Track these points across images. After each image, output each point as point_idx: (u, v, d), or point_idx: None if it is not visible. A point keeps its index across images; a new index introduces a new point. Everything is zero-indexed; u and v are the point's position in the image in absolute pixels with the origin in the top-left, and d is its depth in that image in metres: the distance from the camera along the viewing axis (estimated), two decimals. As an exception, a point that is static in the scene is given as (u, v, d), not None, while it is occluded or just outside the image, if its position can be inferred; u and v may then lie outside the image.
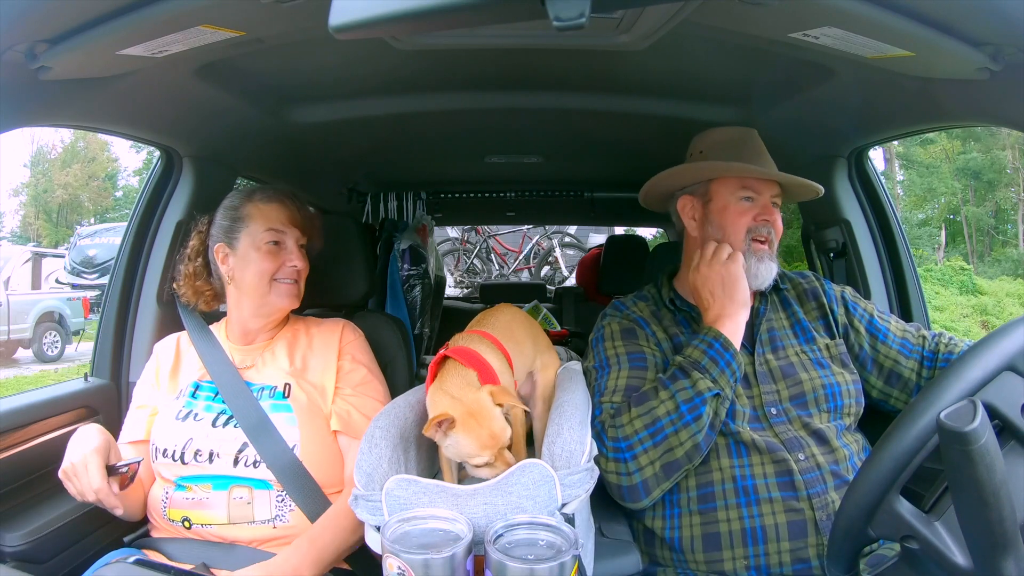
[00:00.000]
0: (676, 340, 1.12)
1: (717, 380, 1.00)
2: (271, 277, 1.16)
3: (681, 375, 1.01)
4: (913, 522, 0.59)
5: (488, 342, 0.98)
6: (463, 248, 6.97)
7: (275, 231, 1.17)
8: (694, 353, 1.02)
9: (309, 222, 1.22)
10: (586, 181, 2.56)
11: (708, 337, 1.03)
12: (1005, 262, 13.16)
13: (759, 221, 1.12)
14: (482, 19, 0.48)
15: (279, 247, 1.17)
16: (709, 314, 1.07)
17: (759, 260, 1.11)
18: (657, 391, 1.02)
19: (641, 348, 1.12)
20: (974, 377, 0.58)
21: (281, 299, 1.18)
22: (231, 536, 1.05)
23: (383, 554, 0.73)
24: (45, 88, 0.89)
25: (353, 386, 1.18)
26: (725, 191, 1.14)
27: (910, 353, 1.14)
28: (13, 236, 18.48)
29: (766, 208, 1.13)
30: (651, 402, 1.01)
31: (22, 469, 1.19)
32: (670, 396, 1.00)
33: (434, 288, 2.66)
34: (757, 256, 1.11)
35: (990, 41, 0.81)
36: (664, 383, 1.02)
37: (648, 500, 1.00)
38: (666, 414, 0.99)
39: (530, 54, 1.17)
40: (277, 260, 1.17)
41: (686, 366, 1.02)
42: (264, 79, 1.26)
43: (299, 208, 1.21)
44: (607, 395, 1.08)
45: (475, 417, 0.84)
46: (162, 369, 1.20)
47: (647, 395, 1.02)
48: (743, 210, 1.12)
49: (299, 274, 1.20)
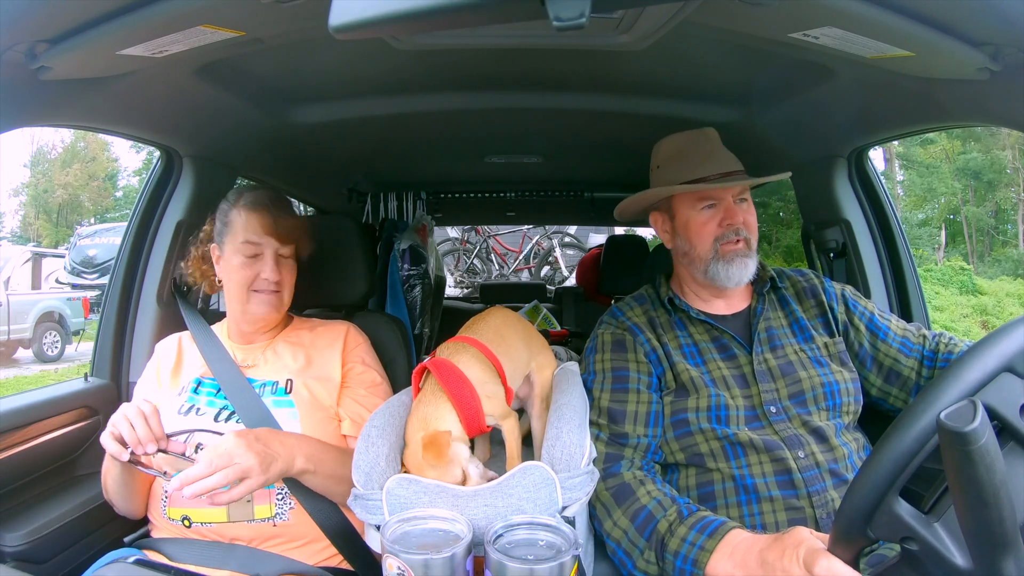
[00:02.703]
0: (666, 347, 1.12)
1: (661, 571, 0.90)
2: (248, 287, 1.15)
3: (650, 536, 0.92)
4: (912, 523, 0.59)
5: (474, 350, 0.97)
6: (463, 248, 6.98)
7: (250, 243, 1.15)
8: (673, 543, 0.89)
9: (290, 232, 1.17)
10: (586, 181, 2.56)
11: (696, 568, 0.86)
12: (1005, 262, 13.16)
13: (724, 227, 1.11)
14: (482, 19, 0.48)
15: (256, 258, 1.15)
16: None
17: (728, 263, 1.10)
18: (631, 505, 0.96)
19: (627, 364, 1.11)
20: (973, 378, 0.58)
21: (259, 308, 1.17)
22: (231, 534, 1.05)
23: (383, 554, 0.73)
24: (45, 88, 0.89)
25: (365, 387, 1.18)
26: (685, 206, 1.15)
27: (910, 352, 1.14)
28: (13, 236, 18.49)
29: (729, 211, 1.12)
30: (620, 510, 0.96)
31: (22, 469, 1.19)
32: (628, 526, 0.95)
33: (434, 288, 2.66)
34: (725, 259, 1.11)
35: (990, 41, 0.81)
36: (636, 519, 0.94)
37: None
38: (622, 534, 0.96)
39: (530, 54, 1.17)
40: (252, 270, 1.15)
41: (659, 543, 0.91)
42: (264, 79, 1.26)
43: (278, 218, 1.16)
44: (592, 412, 1.08)
45: (419, 458, 0.87)
46: (163, 368, 1.20)
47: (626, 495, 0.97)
48: (705, 220, 1.13)
49: (279, 284, 1.17)
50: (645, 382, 1.09)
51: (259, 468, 0.91)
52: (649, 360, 1.11)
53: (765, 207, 11.81)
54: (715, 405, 1.04)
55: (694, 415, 1.04)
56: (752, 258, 1.13)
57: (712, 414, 1.04)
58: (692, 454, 1.04)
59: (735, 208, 1.12)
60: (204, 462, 0.89)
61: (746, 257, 1.12)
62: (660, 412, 1.08)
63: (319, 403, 1.14)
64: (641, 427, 1.05)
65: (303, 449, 1.00)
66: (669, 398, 1.08)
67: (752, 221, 1.14)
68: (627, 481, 0.98)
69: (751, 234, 1.13)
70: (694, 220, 1.14)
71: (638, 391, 1.08)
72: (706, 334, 1.14)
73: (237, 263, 1.15)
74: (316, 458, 1.01)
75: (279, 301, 1.18)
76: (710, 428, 1.03)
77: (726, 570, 0.82)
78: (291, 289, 1.20)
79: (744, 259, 1.11)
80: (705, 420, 1.04)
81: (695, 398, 1.06)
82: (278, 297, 1.18)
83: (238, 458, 0.90)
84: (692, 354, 1.12)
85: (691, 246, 1.14)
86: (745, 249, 1.12)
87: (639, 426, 1.05)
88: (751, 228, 1.13)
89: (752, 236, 1.13)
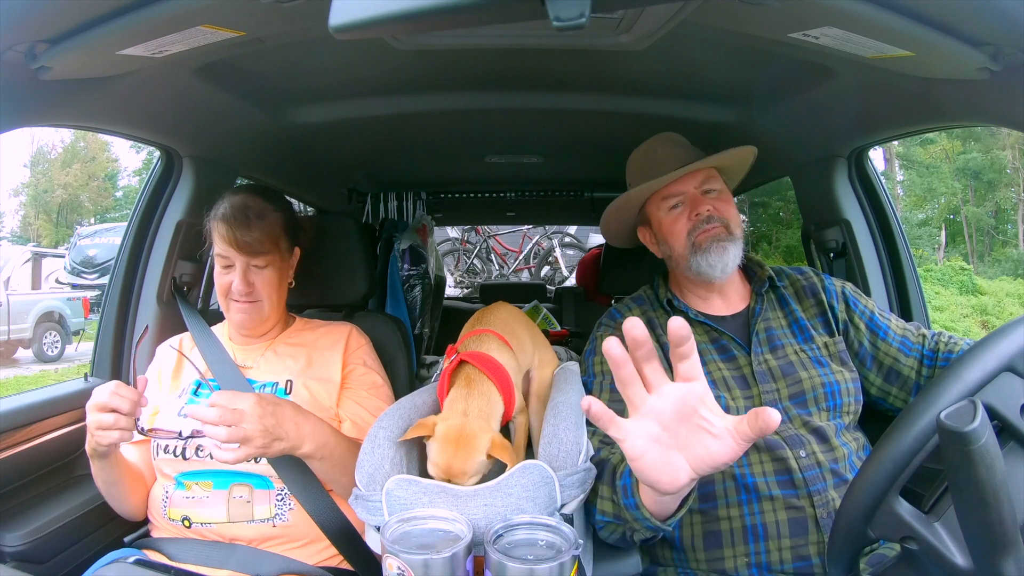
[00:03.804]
0: (666, 349, 1.12)
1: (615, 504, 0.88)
2: (226, 295, 1.16)
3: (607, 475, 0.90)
4: (913, 523, 0.59)
5: (499, 340, 0.98)
6: (463, 248, 6.98)
7: (221, 255, 1.15)
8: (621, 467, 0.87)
9: (256, 245, 1.13)
10: (586, 181, 2.56)
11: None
12: (1005, 262, 13.16)
13: (693, 219, 1.12)
14: (482, 19, 0.48)
15: (229, 269, 1.15)
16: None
17: (705, 252, 1.10)
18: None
19: None
20: (973, 378, 0.58)
21: (236, 315, 1.17)
22: (231, 535, 1.05)
23: (383, 554, 0.73)
24: (45, 88, 0.89)
25: (367, 389, 1.18)
26: (654, 209, 1.17)
27: (910, 351, 1.14)
28: (13, 236, 18.47)
29: (695, 201, 1.13)
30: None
31: (22, 469, 1.19)
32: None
33: (434, 288, 2.66)
34: (703, 249, 1.10)
35: (990, 41, 0.81)
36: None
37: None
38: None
39: (530, 54, 1.17)
40: (227, 280, 1.15)
41: (611, 473, 0.89)
42: (264, 79, 1.26)
43: (243, 233, 1.11)
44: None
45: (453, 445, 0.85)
46: (164, 370, 1.20)
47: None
48: (675, 218, 1.14)
49: (250, 295, 1.15)
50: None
51: (260, 441, 0.90)
52: None
53: (765, 207, 11.83)
54: None
55: None
56: (732, 243, 1.11)
57: None
58: (693, 454, 1.04)
59: (701, 199, 1.13)
60: (217, 409, 0.88)
61: (722, 241, 1.10)
62: None
63: (319, 404, 1.14)
64: None
65: (317, 437, 0.98)
66: None
67: (725, 208, 1.13)
68: (603, 457, 0.96)
69: (729, 219, 1.12)
70: (665, 221, 1.16)
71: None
72: (705, 335, 1.14)
73: (217, 271, 1.16)
74: (328, 447, 1.00)
75: (256, 310, 1.17)
76: None
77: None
78: (274, 297, 1.18)
79: (721, 243, 1.10)
80: None
81: None
82: (255, 307, 1.16)
83: (247, 422, 0.89)
84: None
85: (670, 247, 1.16)
86: (721, 232, 1.10)
87: None
88: (725, 214, 1.13)
89: (730, 222, 1.12)
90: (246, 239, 1.12)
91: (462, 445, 0.85)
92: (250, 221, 1.13)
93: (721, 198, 1.15)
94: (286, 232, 1.20)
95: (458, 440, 0.85)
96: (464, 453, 0.84)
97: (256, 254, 1.14)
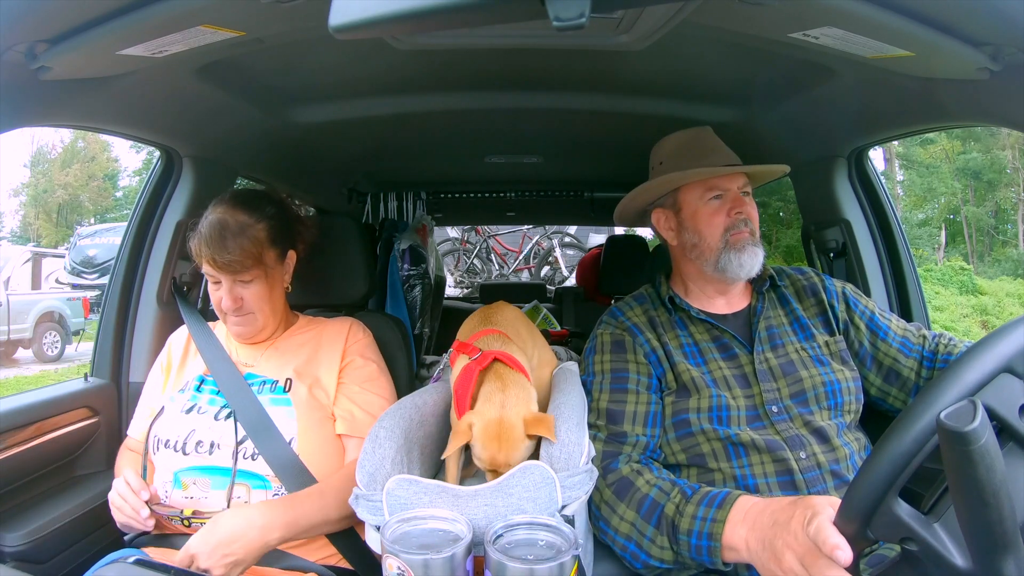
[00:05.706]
0: (667, 347, 1.12)
1: (676, 553, 0.90)
2: (219, 308, 1.15)
3: (658, 521, 0.92)
4: (912, 524, 0.59)
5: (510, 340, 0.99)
6: (463, 248, 6.98)
7: (207, 273, 1.14)
8: (684, 523, 0.88)
9: (236, 264, 1.09)
10: (586, 181, 2.56)
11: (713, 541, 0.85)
12: (1005, 262, 13.16)
13: (733, 216, 1.12)
14: (482, 19, 0.47)
15: (217, 285, 1.14)
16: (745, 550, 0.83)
17: (739, 251, 1.10)
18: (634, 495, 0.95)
19: (626, 365, 1.11)
20: (972, 379, 0.58)
21: (232, 328, 1.17)
22: (231, 535, 1.05)
23: (383, 554, 0.73)
24: (45, 88, 0.89)
25: (360, 383, 1.18)
26: (693, 197, 1.15)
27: (910, 352, 1.14)
28: (13, 236, 18.48)
29: (737, 201, 1.13)
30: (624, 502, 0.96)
31: (22, 469, 1.19)
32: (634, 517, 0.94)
33: (434, 288, 2.66)
34: (737, 248, 1.11)
35: (990, 41, 0.81)
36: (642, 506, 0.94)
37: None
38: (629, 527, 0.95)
39: (530, 54, 1.17)
40: (216, 295, 1.14)
41: (670, 527, 0.90)
42: (264, 79, 1.26)
43: (219, 256, 1.08)
44: (591, 414, 1.07)
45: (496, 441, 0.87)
46: (174, 358, 1.22)
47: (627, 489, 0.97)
48: (714, 210, 1.13)
49: (239, 310, 1.13)
50: (644, 383, 1.09)
51: (219, 571, 0.92)
52: (649, 361, 1.11)
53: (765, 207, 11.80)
54: (716, 405, 1.04)
55: (695, 416, 1.04)
56: (761, 248, 1.13)
57: (713, 414, 1.04)
58: (693, 455, 1.04)
59: (742, 199, 1.13)
60: (182, 553, 0.93)
61: (756, 247, 1.12)
62: (659, 413, 1.07)
63: (317, 403, 1.14)
64: (640, 427, 1.05)
65: (272, 533, 0.96)
66: (670, 398, 1.08)
67: (754, 215, 1.15)
68: (625, 475, 0.98)
69: (756, 227, 1.14)
70: (703, 211, 1.14)
71: (637, 392, 1.08)
72: (706, 333, 1.14)
73: (208, 285, 1.16)
74: (292, 527, 0.98)
75: (250, 322, 1.16)
76: (711, 428, 1.03)
77: (741, 536, 0.82)
78: (266, 308, 1.16)
79: (755, 248, 1.12)
80: (706, 420, 1.04)
81: (696, 398, 1.06)
82: (248, 319, 1.15)
83: (200, 561, 0.92)
84: (693, 354, 1.12)
85: (700, 238, 1.13)
86: (753, 237, 1.12)
87: (637, 425, 1.05)
88: (754, 221, 1.14)
89: (755, 227, 1.14)
90: (224, 259, 1.08)
91: (504, 439, 0.87)
92: (226, 241, 1.08)
93: (752, 204, 1.15)
94: (273, 242, 1.15)
95: (499, 435, 0.87)
96: (507, 446, 0.86)
97: (237, 272, 1.11)
